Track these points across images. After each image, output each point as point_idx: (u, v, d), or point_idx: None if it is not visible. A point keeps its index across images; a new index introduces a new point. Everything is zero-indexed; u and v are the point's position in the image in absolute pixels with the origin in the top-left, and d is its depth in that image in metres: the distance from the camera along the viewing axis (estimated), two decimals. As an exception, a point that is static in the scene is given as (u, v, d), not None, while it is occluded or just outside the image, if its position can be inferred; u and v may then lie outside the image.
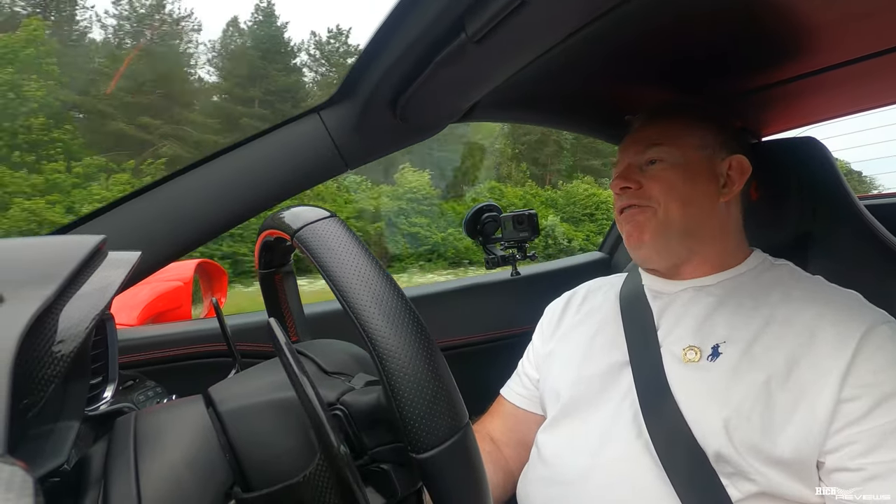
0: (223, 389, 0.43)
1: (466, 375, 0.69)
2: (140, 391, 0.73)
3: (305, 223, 0.41)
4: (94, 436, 0.48)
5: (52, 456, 0.35)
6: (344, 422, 0.41)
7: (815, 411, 0.60)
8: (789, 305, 0.68)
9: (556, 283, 1.08)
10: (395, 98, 0.79)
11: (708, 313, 0.72)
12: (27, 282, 0.32)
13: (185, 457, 0.38)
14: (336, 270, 0.37)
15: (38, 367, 0.28)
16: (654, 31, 0.74)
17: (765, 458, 0.60)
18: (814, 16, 0.69)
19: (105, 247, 0.42)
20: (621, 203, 0.80)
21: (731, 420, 0.62)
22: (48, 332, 0.30)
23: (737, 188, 0.78)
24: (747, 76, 0.90)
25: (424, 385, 0.34)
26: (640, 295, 0.82)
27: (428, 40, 0.63)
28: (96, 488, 0.36)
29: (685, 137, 0.78)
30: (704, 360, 0.68)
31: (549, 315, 0.96)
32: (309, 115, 0.85)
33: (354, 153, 0.88)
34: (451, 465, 0.35)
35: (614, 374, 0.75)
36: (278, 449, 0.40)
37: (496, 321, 1.28)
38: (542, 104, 1.05)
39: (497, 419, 0.91)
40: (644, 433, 0.67)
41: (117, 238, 0.76)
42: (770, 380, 0.62)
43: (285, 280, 0.62)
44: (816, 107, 1.06)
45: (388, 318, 0.35)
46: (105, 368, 0.59)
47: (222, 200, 0.83)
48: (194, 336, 0.99)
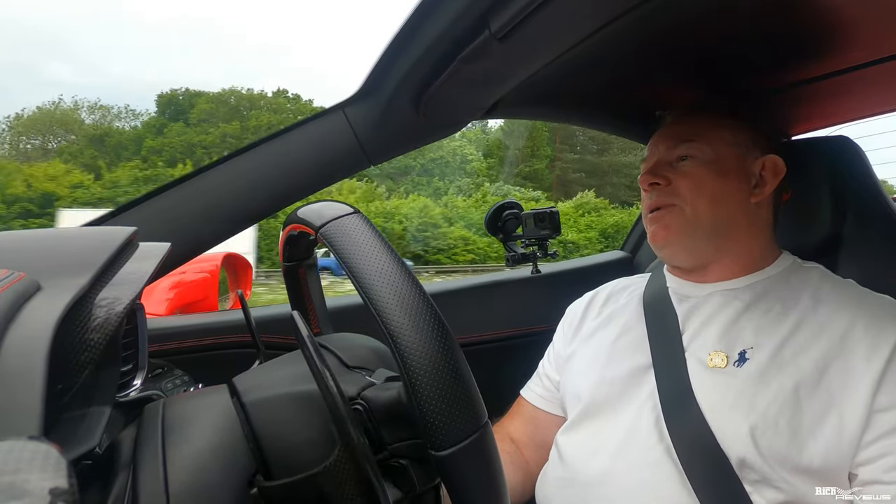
0: (247, 380, 0.44)
1: (486, 373, 0.69)
2: (168, 379, 0.75)
3: (330, 219, 0.42)
4: (123, 421, 0.49)
5: (84, 440, 0.36)
6: (364, 416, 0.42)
7: (844, 420, 0.58)
8: (819, 310, 0.67)
9: (577, 282, 1.07)
10: (418, 95, 0.79)
11: (735, 318, 0.71)
12: (63, 271, 0.33)
13: (210, 444, 0.39)
14: (359, 267, 0.38)
15: (73, 352, 0.30)
16: (680, 28, 0.73)
17: (792, 467, 0.59)
18: (847, 12, 0.67)
19: (136, 238, 0.43)
20: (650, 202, 0.78)
21: (757, 427, 0.60)
22: (83, 319, 0.31)
23: (769, 189, 0.76)
24: (778, 74, 0.87)
25: (445, 383, 0.35)
26: (664, 298, 0.80)
27: (451, 37, 0.63)
28: (125, 472, 0.37)
29: (718, 134, 0.76)
30: (731, 365, 0.67)
31: (570, 316, 0.95)
32: (333, 112, 0.86)
33: (377, 149, 0.89)
34: (470, 463, 0.35)
35: (637, 378, 0.74)
36: (300, 440, 0.40)
37: (516, 319, 1.28)
38: (565, 101, 1.04)
39: (517, 420, 0.91)
40: (666, 438, 0.66)
41: (148, 230, 0.78)
42: (799, 386, 0.61)
43: (308, 273, 0.63)
44: (849, 105, 1.02)
45: (411, 316, 0.36)
46: (135, 356, 0.61)
47: (248, 195, 0.85)
48: (220, 327, 1.01)
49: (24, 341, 0.25)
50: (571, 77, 0.88)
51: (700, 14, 0.70)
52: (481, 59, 0.65)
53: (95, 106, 53.03)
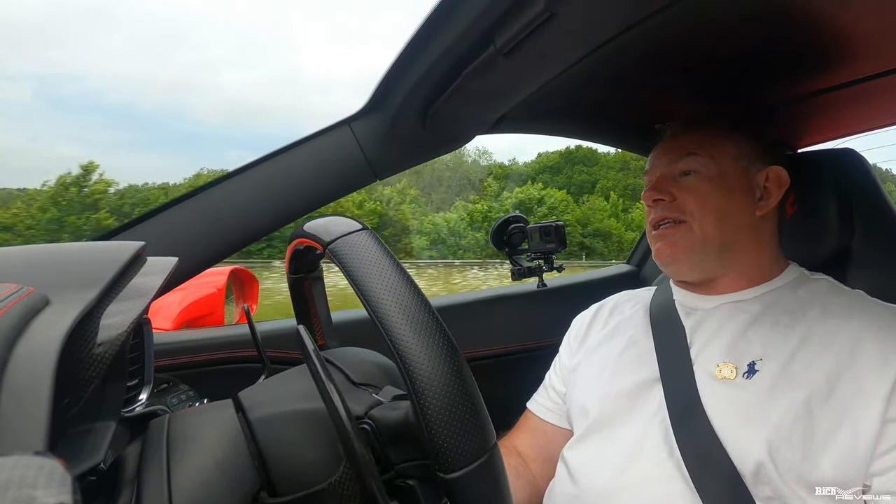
0: (253, 395, 0.44)
1: (492, 387, 0.68)
2: (173, 394, 0.75)
3: (339, 235, 0.42)
4: (129, 436, 0.49)
5: (90, 455, 0.36)
6: (371, 436, 0.42)
7: (858, 432, 0.57)
8: (828, 321, 0.66)
9: (583, 296, 1.07)
10: (425, 109, 0.80)
11: (743, 330, 0.70)
12: (72, 285, 0.33)
13: (215, 460, 0.39)
14: (369, 286, 0.38)
15: (80, 367, 0.30)
16: (685, 41, 0.73)
17: (805, 482, 0.58)
18: (852, 26, 0.67)
19: (144, 253, 0.43)
20: (655, 216, 0.78)
21: (772, 441, 0.59)
22: (90, 334, 0.31)
23: (773, 201, 0.76)
24: (782, 86, 0.87)
25: (454, 406, 0.34)
26: (671, 310, 0.80)
27: (457, 52, 0.64)
28: (130, 488, 0.37)
29: (721, 148, 0.76)
30: (740, 377, 0.66)
31: (575, 328, 0.95)
32: (340, 126, 0.87)
33: (383, 163, 0.89)
34: (478, 486, 0.35)
35: (644, 392, 0.74)
36: (305, 458, 0.40)
37: (522, 333, 1.27)
38: (569, 116, 1.05)
39: (524, 433, 0.90)
40: (676, 453, 0.65)
41: (156, 245, 0.79)
42: (810, 399, 0.60)
43: (314, 285, 0.63)
44: (854, 118, 1.02)
45: (421, 339, 0.35)
46: (141, 371, 0.61)
47: (255, 209, 0.85)
48: (226, 341, 1.01)
49: (31, 356, 0.25)
50: (575, 91, 0.89)
51: (704, 28, 0.70)
52: (487, 75, 0.66)
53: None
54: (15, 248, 0.40)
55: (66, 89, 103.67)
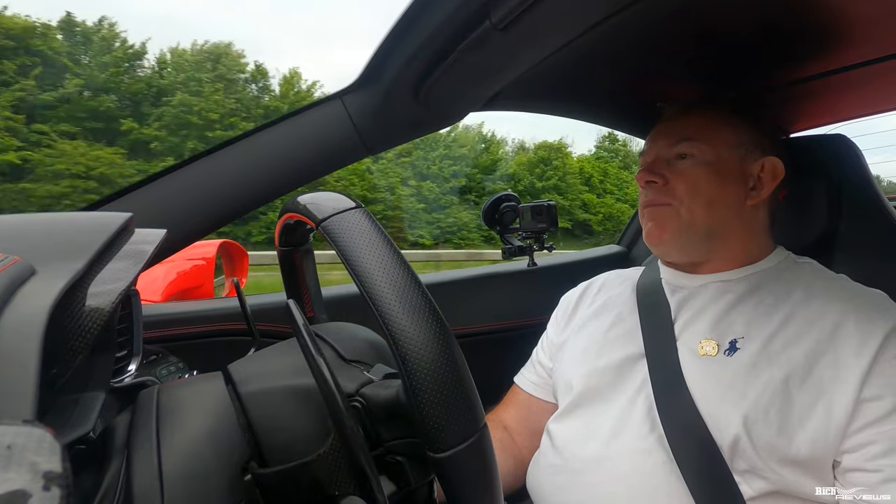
0: (243, 369, 0.44)
1: (481, 364, 0.69)
2: (163, 366, 0.75)
3: (333, 213, 0.41)
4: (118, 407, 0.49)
5: (78, 424, 0.36)
6: (362, 413, 0.42)
7: (833, 410, 0.59)
8: (811, 303, 0.67)
9: (573, 275, 1.07)
10: (418, 85, 0.78)
11: (727, 309, 0.72)
12: (58, 255, 0.33)
13: (205, 431, 0.39)
14: (362, 265, 0.37)
15: (68, 337, 0.29)
16: (683, 23, 0.73)
17: (780, 457, 0.60)
18: (848, 10, 0.67)
19: (132, 224, 0.43)
20: (645, 199, 0.79)
21: (748, 416, 0.61)
22: (77, 304, 0.31)
23: (765, 193, 0.76)
24: (778, 71, 0.87)
25: (445, 388, 0.35)
26: (657, 288, 0.81)
27: (452, 27, 0.63)
28: (120, 457, 0.37)
29: (719, 133, 0.76)
30: (721, 354, 0.68)
31: (563, 305, 0.96)
32: (332, 100, 0.86)
33: (376, 138, 0.88)
34: (467, 466, 0.36)
35: (629, 367, 0.75)
36: (295, 431, 0.41)
37: (512, 311, 1.28)
38: (564, 94, 1.04)
39: (511, 407, 0.92)
40: (658, 427, 0.67)
41: (144, 216, 0.78)
42: (789, 378, 0.62)
43: (304, 258, 0.63)
44: (849, 103, 1.02)
45: (413, 319, 0.36)
46: (130, 342, 0.61)
47: (245, 182, 0.84)
48: (216, 314, 1.01)
49: (18, 325, 0.25)
50: (571, 70, 0.88)
51: (703, 10, 0.69)
52: (481, 50, 0.65)
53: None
54: (0, 217, 0.40)
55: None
